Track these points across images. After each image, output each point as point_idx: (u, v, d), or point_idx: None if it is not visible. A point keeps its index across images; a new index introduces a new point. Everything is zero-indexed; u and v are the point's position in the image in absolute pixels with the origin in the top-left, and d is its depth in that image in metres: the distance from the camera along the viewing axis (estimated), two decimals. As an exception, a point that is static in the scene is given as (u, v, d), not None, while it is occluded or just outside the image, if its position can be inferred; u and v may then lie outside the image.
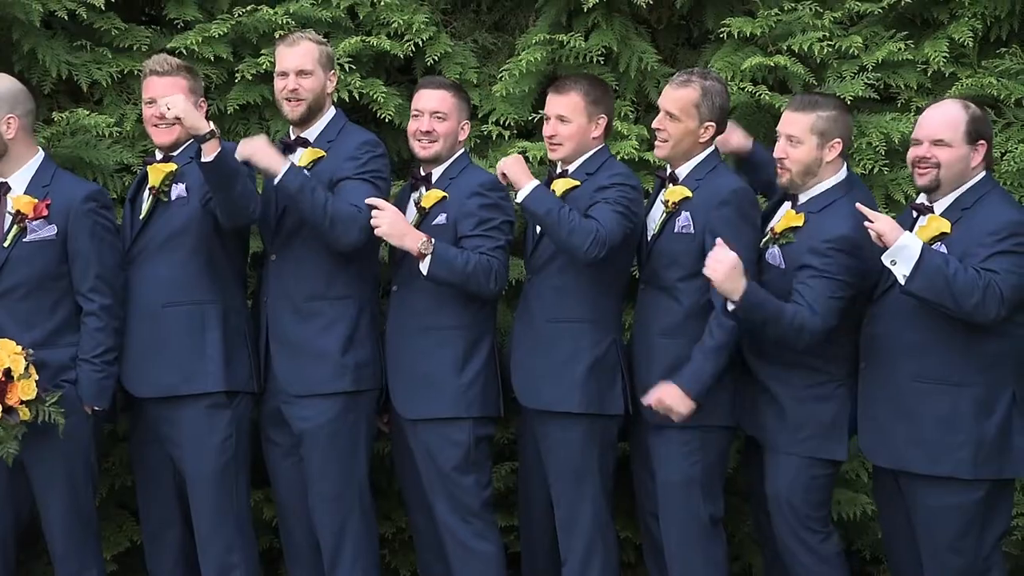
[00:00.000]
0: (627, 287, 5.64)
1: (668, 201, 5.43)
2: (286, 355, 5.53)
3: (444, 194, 5.53)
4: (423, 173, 5.60)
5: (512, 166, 5.41)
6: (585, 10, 6.19)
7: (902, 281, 5.00)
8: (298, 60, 5.51)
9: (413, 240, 5.34)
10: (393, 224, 5.32)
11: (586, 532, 5.50)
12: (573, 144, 5.53)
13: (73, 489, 5.39)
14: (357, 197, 5.37)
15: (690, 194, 5.39)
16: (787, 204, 5.41)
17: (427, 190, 5.57)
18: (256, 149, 5.25)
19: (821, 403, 5.31)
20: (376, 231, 5.33)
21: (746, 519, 6.00)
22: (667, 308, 5.41)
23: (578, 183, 5.47)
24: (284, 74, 5.54)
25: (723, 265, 5.08)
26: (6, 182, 5.38)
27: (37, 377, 5.16)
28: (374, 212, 5.33)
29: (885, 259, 5.01)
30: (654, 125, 5.51)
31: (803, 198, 5.34)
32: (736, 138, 5.73)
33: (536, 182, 5.38)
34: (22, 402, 5.13)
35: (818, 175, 5.32)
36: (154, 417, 5.51)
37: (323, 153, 5.52)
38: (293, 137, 5.59)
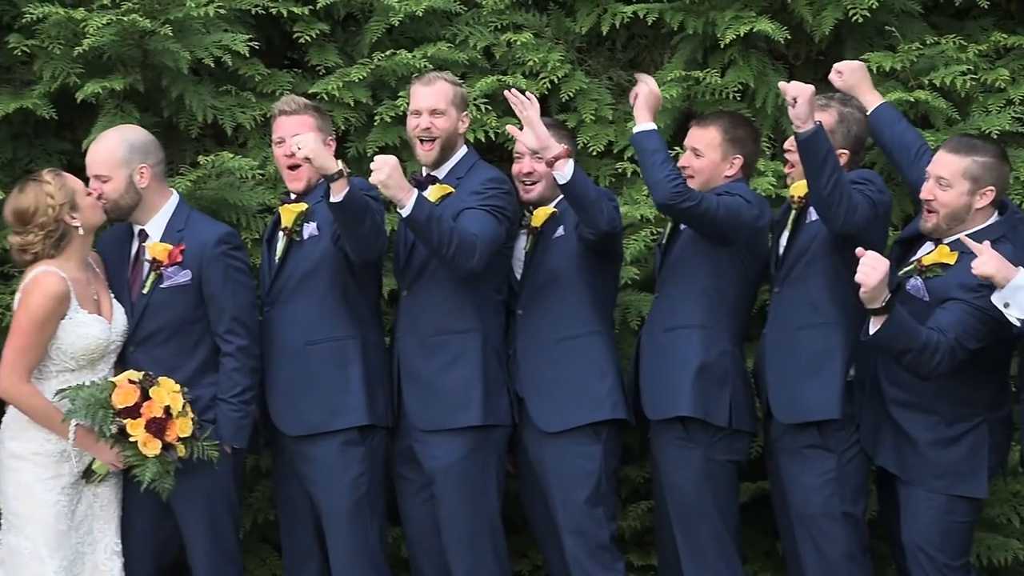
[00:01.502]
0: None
1: (794, 196, 5.41)
2: (415, 390, 5.60)
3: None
4: (425, 175, 5.64)
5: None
6: (722, 46, 6.19)
7: (1017, 323, 4.88)
8: (432, 99, 5.58)
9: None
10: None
11: None
12: (703, 179, 5.54)
13: (215, 524, 5.50)
14: (475, 224, 5.43)
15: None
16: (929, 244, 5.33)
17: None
18: (389, 174, 5.26)
19: (959, 439, 5.21)
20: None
21: (889, 563, 5.90)
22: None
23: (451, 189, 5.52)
24: (417, 112, 5.62)
25: (876, 273, 5.01)
26: (144, 229, 5.53)
27: (194, 415, 5.30)
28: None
29: (996, 300, 4.90)
30: (786, 147, 5.49)
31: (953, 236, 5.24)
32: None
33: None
34: (179, 439, 5.27)
35: (965, 222, 5.22)
36: (291, 453, 5.61)
37: (451, 189, 5.60)
38: (424, 175, 5.67)
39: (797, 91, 5.16)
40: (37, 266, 5.32)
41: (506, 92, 5.47)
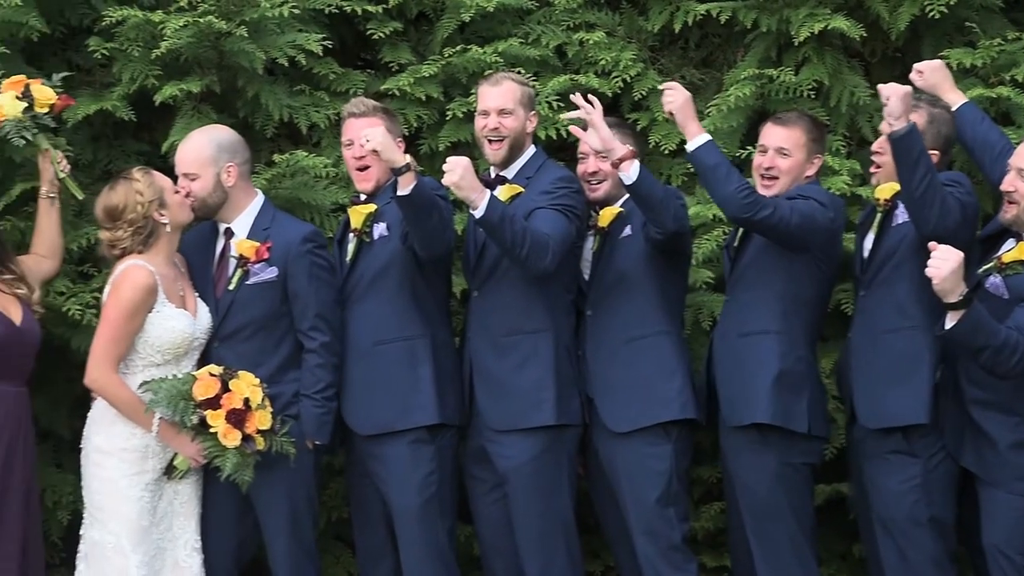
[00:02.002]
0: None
1: (880, 199, 5.37)
2: (488, 390, 5.60)
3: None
4: (493, 175, 5.63)
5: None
6: (796, 44, 6.14)
7: None
8: (500, 99, 5.59)
9: (479, 194, 5.30)
10: (464, 175, 5.29)
11: None
12: (789, 179, 5.51)
13: (295, 520, 5.54)
14: (546, 224, 5.42)
15: (898, 187, 5.31)
16: (1011, 240, 5.26)
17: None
18: (462, 175, 5.28)
19: None
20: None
21: (968, 567, 5.81)
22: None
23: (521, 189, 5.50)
24: (485, 113, 5.63)
25: (947, 264, 4.95)
26: (230, 227, 5.60)
27: (272, 410, 5.36)
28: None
29: None
30: (874, 148, 5.43)
31: None
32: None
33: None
34: (258, 431, 5.33)
35: None
36: (362, 452, 5.64)
37: (521, 189, 5.60)
38: (493, 175, 5.68)
39: (892, 90, 5.13)
40: (126, 260, 5.42)
41: (571, 96, 5.48)
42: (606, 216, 5.63)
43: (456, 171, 5.28)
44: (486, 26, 6.31)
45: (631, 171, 5.34)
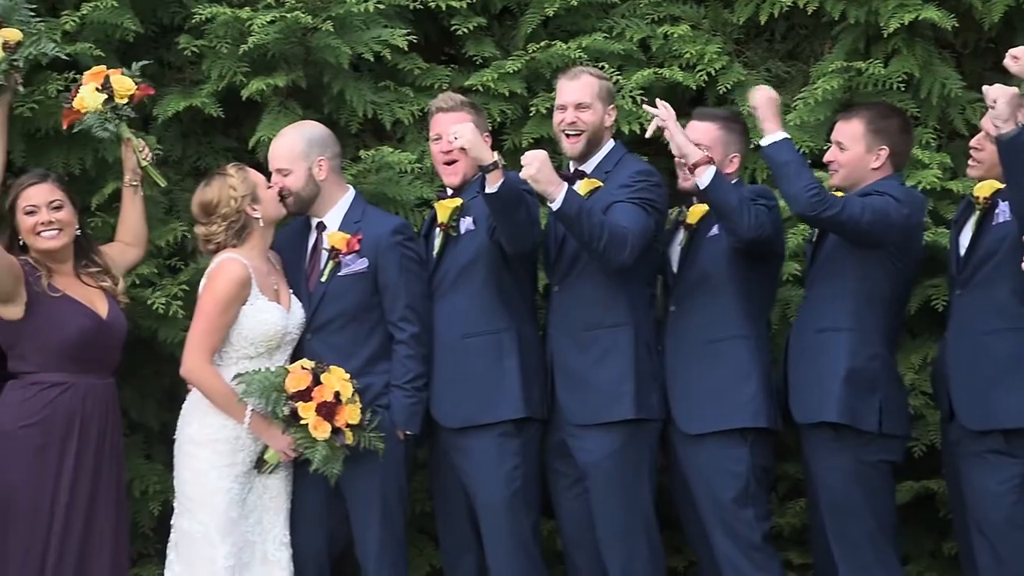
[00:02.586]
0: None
1: (979, 197, 5.30)
2: (568, 385, 5.60)
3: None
4: (572, 170, 5.61)
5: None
6: (885, 36, 6.06)
7: None
8: (577, 93, 5.58)
9: (556, 188, 5.30)
10: (541, 169, 5.29)
11: None
12: (847, 172, 5.45)
13: (387, 512, 5.57)
14: (625, 217, 5.41)
15: (1000, 185, 5.24)
16: None
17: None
18: (539, 168, 5.29)
19: None
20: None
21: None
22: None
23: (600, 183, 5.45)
24: (563, 107, 5.63)
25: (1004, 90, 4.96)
26: (322, 221, 5.66)
27: (362, 405, 5.41)
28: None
29: None
30: (973, 144, 5.35)
31: None
32: None
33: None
34: (348, 426, 5.39)
35: None
36: (448, 445, 5.66)
37: (600, 183, 5.58)
38: (572, 170, 5.67)
39: (998, 92, 5.07)
40: (221, 254, 5.51)
41: (645, 106, 5.47)
42: (695, 213, 5.60)
43: (533, 164, 5.29)
44: (570, 20, 6.31)
45: (704, 177, 5.33)
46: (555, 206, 5.31)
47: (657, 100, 5.50)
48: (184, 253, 6.02)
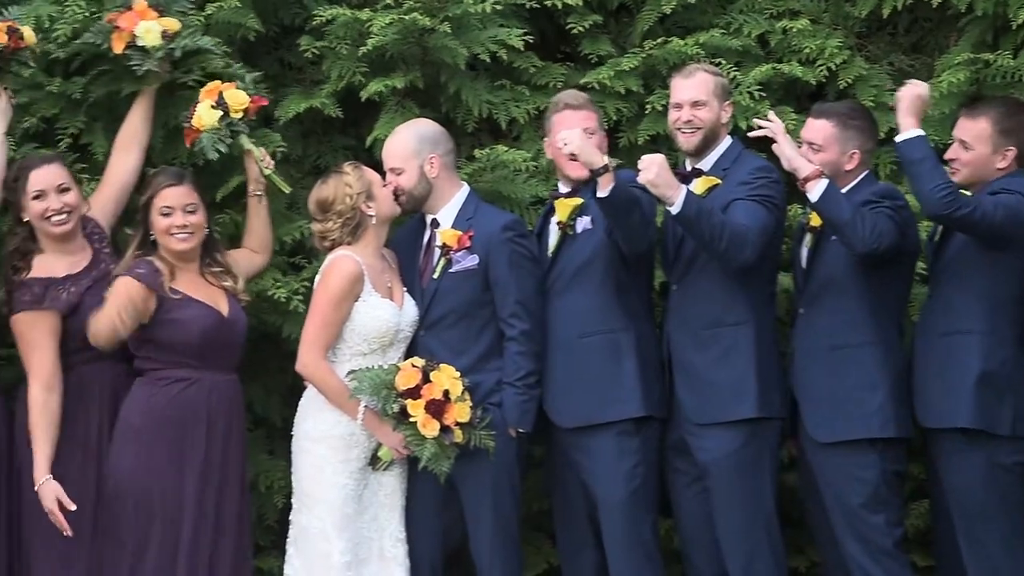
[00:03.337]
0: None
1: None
2: (688, 384, 5.57)
3: (717, 180, 5.48)
4: (689, 168, 5.55)
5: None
6: (1014, 27, 5.91)
7: None
8: (693, 91, 5.56)
9: (675, 191, 5.26)
10: (660, 173, 5.26)
11: None
12: (969, 172, 5.34)
13: (500, 510, 5.59)
14: (745, 215, 5.36)
15: None
16: None
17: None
18: (658, 172, 5.27)
19: None
20: (640, 177, 5.28)
21: None
22: None
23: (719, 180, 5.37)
24: (678, 105, 5.60)
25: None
26: (435, 218, 5.70)
27: (472, 404, 5.43)
28: (642, 161, 5.28)
29: None
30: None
31: None
32: None
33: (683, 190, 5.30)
34: (457, 424, 5.41)
35: None
36: (566, 444, 5.66)
37: (718, 181, 5.54)
38: (689, 168, 5.63)
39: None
40: (336, 251, 5.58)
41: (754, 121, 5.47)
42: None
43: (651, 169, 5.26)
44: (687, 17, 6.27)
45: (814, 192, 5.27)
46: (674, 210, 5.29)
47: (769, 113, 5.44)
48: (306, 250, 6.09)
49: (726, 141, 5.63)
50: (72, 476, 5.46)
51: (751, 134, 5.54)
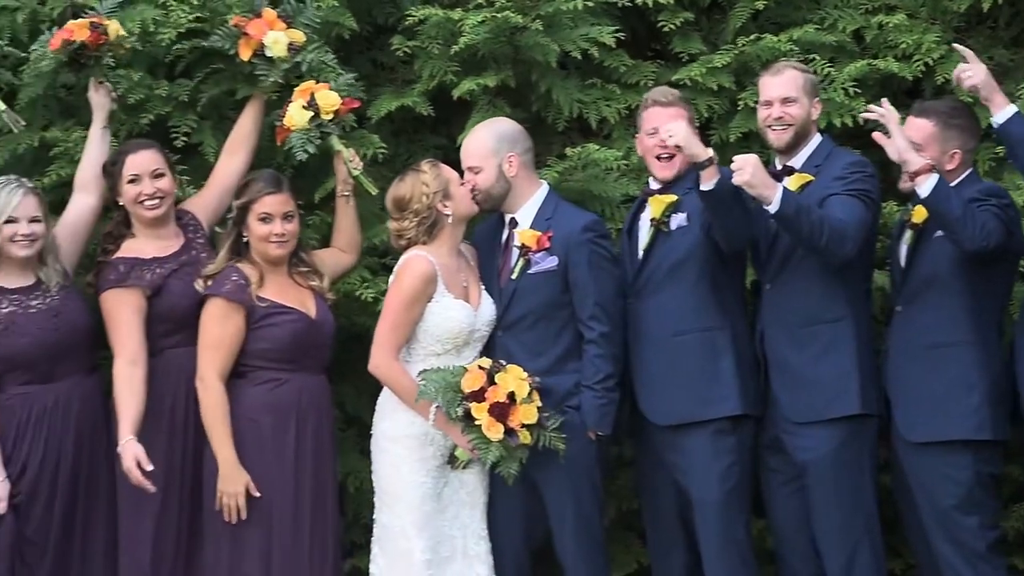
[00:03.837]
0: None
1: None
2: (785, 382, 5.51)
3: (810, 177, 5.40)
4: (780, 167, 5.48)
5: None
6: (1117, 18, 5.77)
7: None
8: (782, 88, 5.51)
9: (772, 190, 5.20)
10: (755, 174, 5.21)
11: None
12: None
13: (581, 510, 5.56)
14: (843, 210, 5.30)
15: None
16: None
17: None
18: (753, 173, 5.23)
19: None
20: (736, 178, 5.24)
21: None
22: None
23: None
24: (768, 103, 5.56)
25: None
26: (514, 217, 5.68)
27: (540, 404, 5.39)
28: (736, 161, 5.23)
29: None
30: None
31: None
32: None
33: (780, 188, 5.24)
34: (523, 426, 5.37)
35: None
36: (659, 443, 5.62)
37: (811, 178, 5.48)
38: (779, 167, 5.58)
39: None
40: (410, 250, 5.58)
41: (865, 110, 5.39)
42: (920, 212, 5.43)
43: (746, 170, 5.22)
44: (780, 13, 6.22)
45: (924, 187, 5.18)
46: (773, 208, 5.24)
47: (883, 100, 5.35)
48: (395, 250, 6.11)
49: (817, 138, 5.57)
50: (160, 449, 5.52)
51: (863, 115, 5.42)
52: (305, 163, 5.86)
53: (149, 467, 5.39)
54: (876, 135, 5.34)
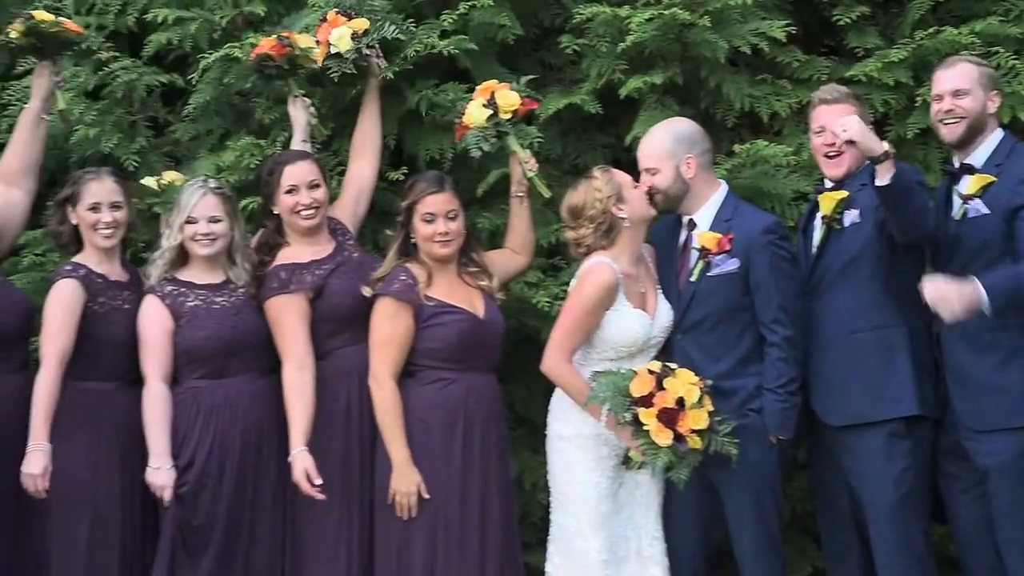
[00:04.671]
0: None
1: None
2: (965, 389, 5.37)
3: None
4: (958, 165, 5.31)
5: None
6: None
7: None
8: (954, 81, 5.38)
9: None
10: (861, 126, 5.18)
11: None
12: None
13: (762, 515, 5.50)
14: None
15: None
16: None
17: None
18: (859, 124, 5.21)
19: None
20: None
21: None
22: None
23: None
24: (939, 97, 5.43)
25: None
26: (692, 218, 5.62)
27: (711, 408, 5.30)
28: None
29: None
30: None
31: None
32: None
33: None
34: (693, 431, 5.29)
35: None
36: (833, 445, 5.52)
37: (993, 179, 5.32)
38: (957, 165, 5.43)
39: None
40: (593, 256, 5.55)
41: None
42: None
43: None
44: (961, 5, 6.08)
45: None
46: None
47: None
48: (565, 253, 6.09)
49: (996, 134, 5.41)
50: (337, 451, 5.58)
51: None
52: (467, 159, 5.87)
53: (318, 481, 5.47)
54: None
